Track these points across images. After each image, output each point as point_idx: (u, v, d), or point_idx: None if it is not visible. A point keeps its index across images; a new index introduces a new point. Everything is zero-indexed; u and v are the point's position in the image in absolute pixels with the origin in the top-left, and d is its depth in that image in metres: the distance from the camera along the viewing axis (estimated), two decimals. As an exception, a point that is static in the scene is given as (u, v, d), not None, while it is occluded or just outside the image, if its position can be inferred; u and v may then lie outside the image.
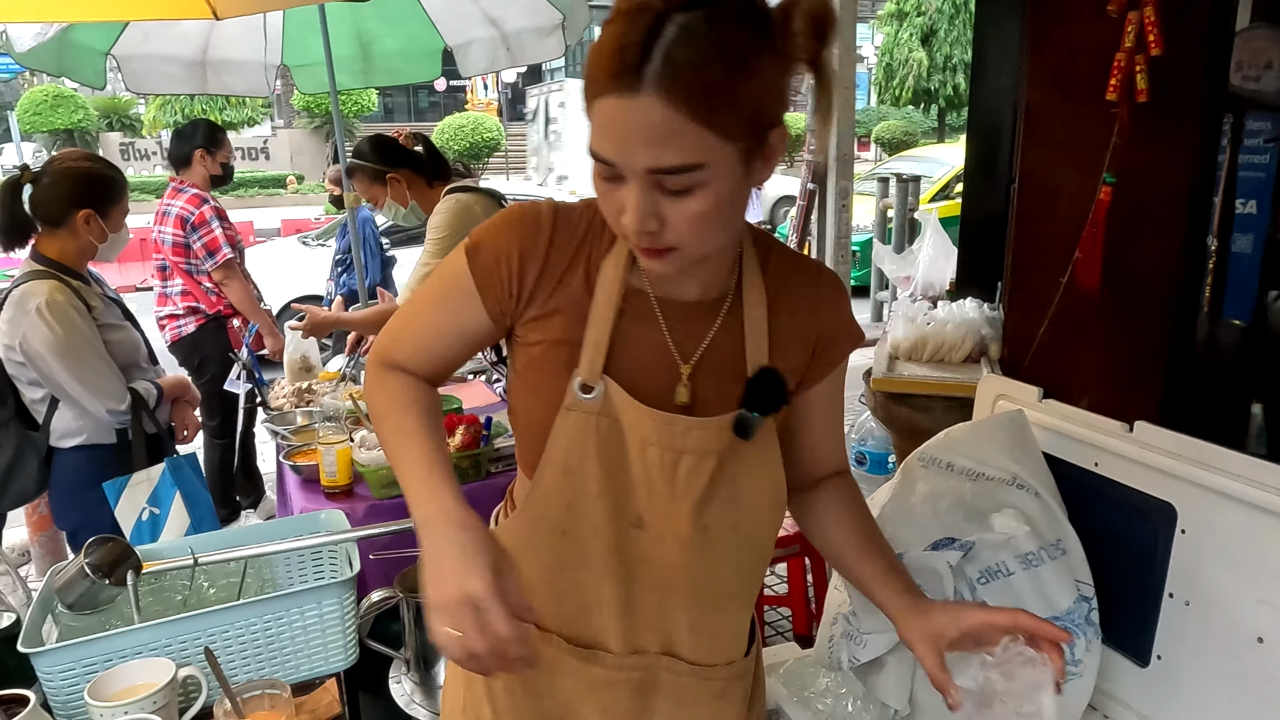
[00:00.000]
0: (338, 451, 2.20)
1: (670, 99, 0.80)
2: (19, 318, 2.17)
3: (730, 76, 0.81)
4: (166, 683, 1.27)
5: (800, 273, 1.08)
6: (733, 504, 1.05)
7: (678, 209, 0.86)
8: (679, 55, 0.79)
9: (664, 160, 0.83)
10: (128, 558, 1.49)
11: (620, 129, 0.83)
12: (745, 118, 0.84)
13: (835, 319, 1.08)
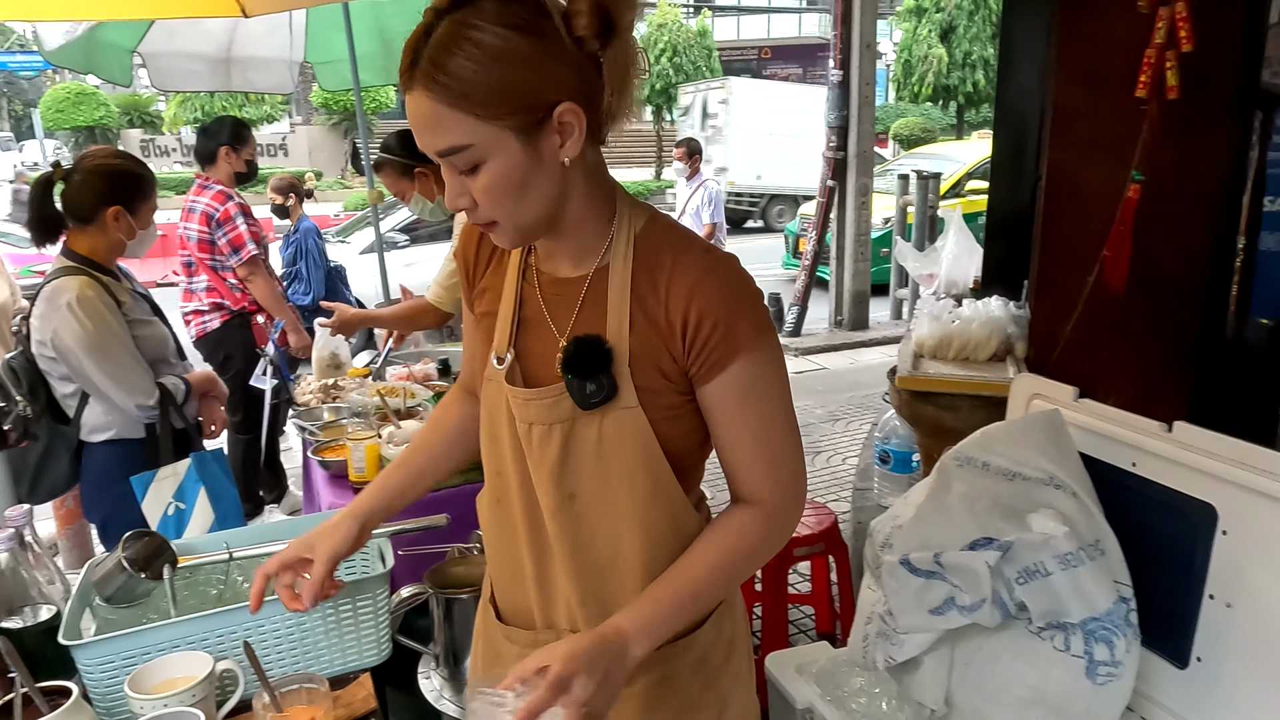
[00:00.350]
0: (366, 447, 2.21)
1: (429, 91, 0.92)
2: (50, 313, 2.20)
3: (479, 65, 0.90)
4: (205, 676, 1.29)
5: (686, 255, 1.04)
6: (600, 475, 1.08)
7: (474, 185, 0.97)
8: (434, 52, 0.91)
9: (438, 144, 0.95)
10: (164, 552, 1.50)
11: (412, 122, 0.96)
12: (502, 99, 0.92)
13: (712, 314, 1.02)
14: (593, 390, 1.03)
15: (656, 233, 1.07)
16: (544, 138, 0.96)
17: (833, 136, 7.63)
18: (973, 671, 1.22)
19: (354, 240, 8.54)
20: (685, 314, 1.02)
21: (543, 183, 0.99)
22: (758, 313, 1.05)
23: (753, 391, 1.05)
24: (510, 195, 0.98)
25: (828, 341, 7.61)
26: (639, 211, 1.09)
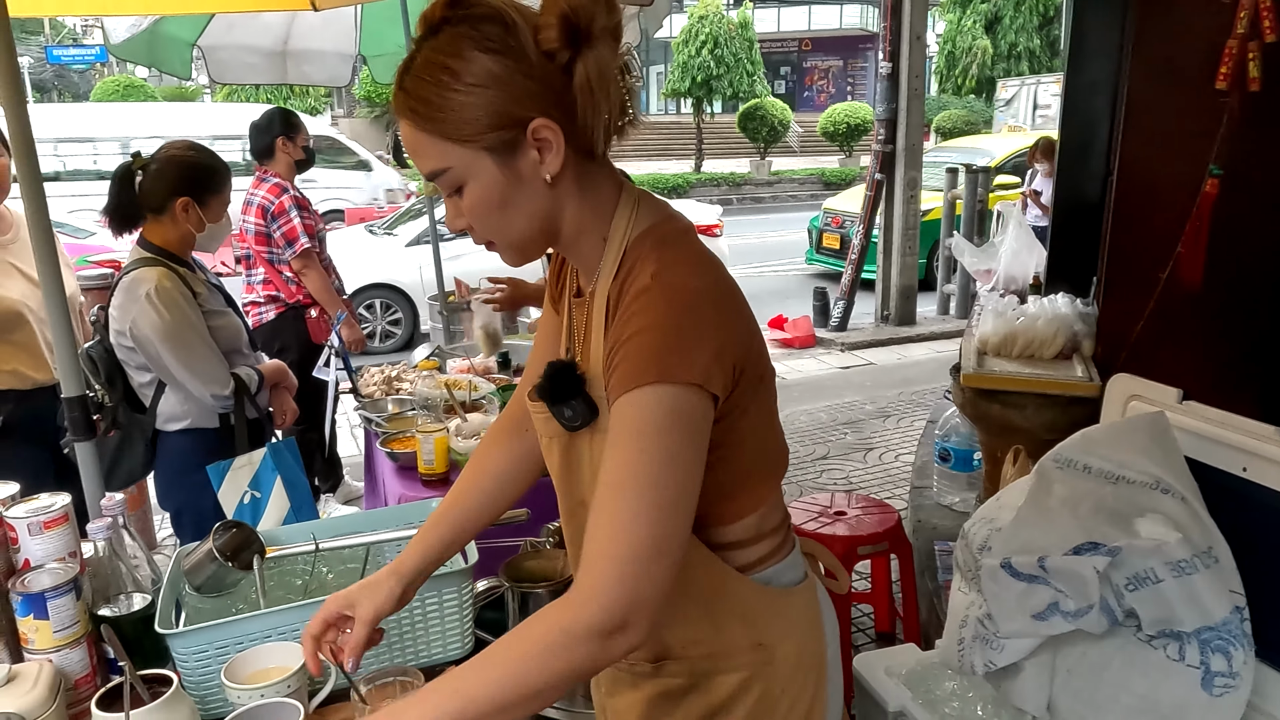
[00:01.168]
0: (435, 440, 2.23)
1: (408, 119, 0.95)
2: (129, 303, 2.23)
3: (445, 90, 0.91)
4: (299, 667, 1.30)
5: (642, 271, 0.96)
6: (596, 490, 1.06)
7: (463, 206, 0.98)
8: (410, 81, 0.94)
9: (423, 168, 0.97)
10: (252, 542, 1.52)
11: (405, 150, 0.99)
12: (471, 120, 0.92)
13: (627, 336, 0.92)
14: (570, 415, 1.03)
15: (638, 246, 1.00)
16: (521, 155, 0.94)
17: (881, 129, 7.55)
18: (1076, 678, 1.20)
19: (400, 233, 8.59)
20: (614, 338, 0.95)
21: (527, 200, 0.97)
22: (666, 349, 0.90)
23: (626, 437, 0.90)
24: (494, 214, 0.98)
25: (874, 337, 7.53)
26: (642, 218, 1.02)
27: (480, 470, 1.29)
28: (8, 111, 1.83)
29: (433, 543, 1.25)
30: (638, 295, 0.94)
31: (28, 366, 2.39)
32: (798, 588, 1.11)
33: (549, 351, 1.22)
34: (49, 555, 1.33)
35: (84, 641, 1.30)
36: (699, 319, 0.92)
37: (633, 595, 0.85)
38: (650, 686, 1.11)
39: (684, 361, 0.89)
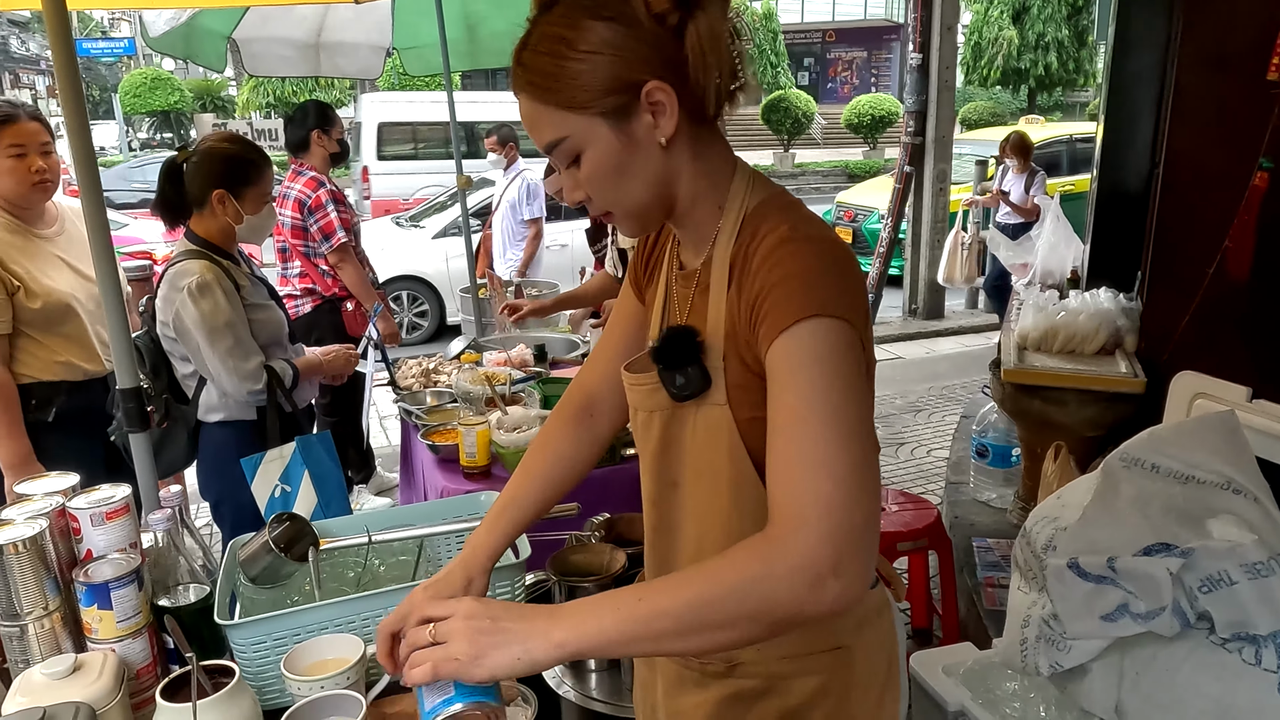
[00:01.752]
0: (478, 433, 2.23)
1: (526, 92, 0.97)
2: (172, 295, 2.24)
3: (559, 58, 0.93)
4: (358, 660, 1.30)
5: (776, 228, 0.95)
6: (695, 468, 1.05)
7: (580, 177, 0.99)
8: (525, 55, 0.96)
9: (541, 140, 0.98)
10: (306, 534, 1.53)
11: (524, 125, 1.00)
12: (586, 88, 0.93)
13: (774, 281, 0.91)
14: (681, 384, 1.01)
15: (762, 211, 0.99)
16: (636, 120, 0.95)
17: (910, 121, 7.48)
18: (1145, 681, 1.18)
19: (427, 225, 8.62)
20: (751, 290, 0.94)
21: (643, 166, 0.97)
22: (819, 286, 0.89)
23: (795, 372, 0.87)
24: (610, 182, 0.98)
25: (902, 331, 7.48)
26: (758, 190, 1.02)
27: (543, 457, 1.27)
28: (66, 109, 1.84)
29: (500, 533, 1.23)
30: (777, 246, 0.92)
31: (79, 358, 2.42)
32: (874, 590, 1.10)
33: (625, 336, 1.22)
34: (111, 546, 1.33)
35: (145, 631, 1.31)
36: (845, 269, 0.93)
37: (844, 530, 0.80)
38: (720, 688, 1.08)
39: (838, 298, 0.89)
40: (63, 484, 1.41)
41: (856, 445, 0.84)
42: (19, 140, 2.31)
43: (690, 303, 1.06)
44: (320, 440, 2.48)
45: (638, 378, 1.09)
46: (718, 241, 1.01)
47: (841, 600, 0.79)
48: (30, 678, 1.21)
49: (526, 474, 1.27)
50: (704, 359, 1.00)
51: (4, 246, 2.30)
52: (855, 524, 0.80)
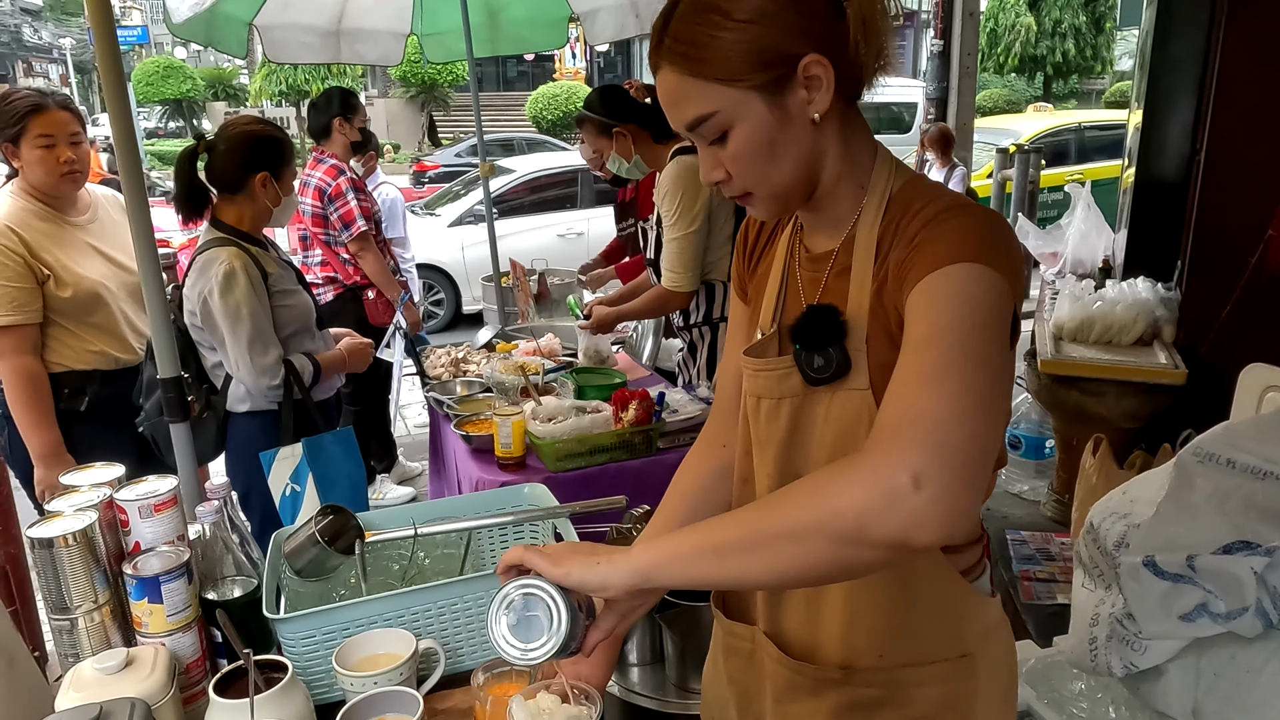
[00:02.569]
0: (513, 423, 2.20)
1: (674, 64, 0.92)
2: (200, 283, 2.22)
3: (716, 29, 0.88)
4: (410, 655, 1.28)
5: (932, 203, 0.92)
6: (826, 459, 0.99)
7: (725, 155, 0.94)
8: (676, 25, 0.91)
9: (686, 116, 0.93)
10: (351, 526, 1.50)
11: (662, 100, 0.95)
12: (741, 60, 0.88)
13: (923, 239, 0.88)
14: (821, 365, 0.96)
15: (911, 190, 0.97)
16: (790, 94, 0.90)
17: (931, 108, 7.42)
18: (1224, 683, 1.15)
19: (442, 213, 8.59)
20: (909, 249, 0.90)
21: (792, 143, 0.93)
22: (980, 239, 0.86)
23: (934, 304, 0.83)
24: (760, 159, 0.94)
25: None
26: (901, 173, 0.99)
27: (686, 481, 1.22)
28: (109, 93, 1.82)
29: None
30: (937, 214, 0.89)
31: (113, 347, 2.41)
32: (993, 599, 1.04)
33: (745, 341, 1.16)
34: (159, 538, 1.31)
35: (195, 625, 1.29)
36: (1007, 235, 0.89)
37: (936, 441, 0.72)
38: (836, 695, 1.01)
39: (993, 253, 0.84)
40: (108, 475, 1.39)
41: (979, 372, 0.77)
42: (48, 130, 2.29)
43: (823, 286, 1.01)
44: (338, 439, 2.40)
45: (764, 363, 1.03)
46: (860, 222, 0.97)
47: (918, 519, 0.71)
48: (81, 672, 1.19)
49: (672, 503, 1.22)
50: (845, 340, 0.95)
51: (35, 235, 2.28)
52: (952, 440, 0.73)
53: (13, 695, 1.32)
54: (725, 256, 2.69)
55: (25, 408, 2.27)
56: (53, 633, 1.27)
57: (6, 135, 2.28)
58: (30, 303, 2.25)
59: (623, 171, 2.94)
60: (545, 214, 8.42)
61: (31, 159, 2.28)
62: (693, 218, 2.59)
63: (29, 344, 2.28)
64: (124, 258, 2.44)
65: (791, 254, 1.07)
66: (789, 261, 1.07)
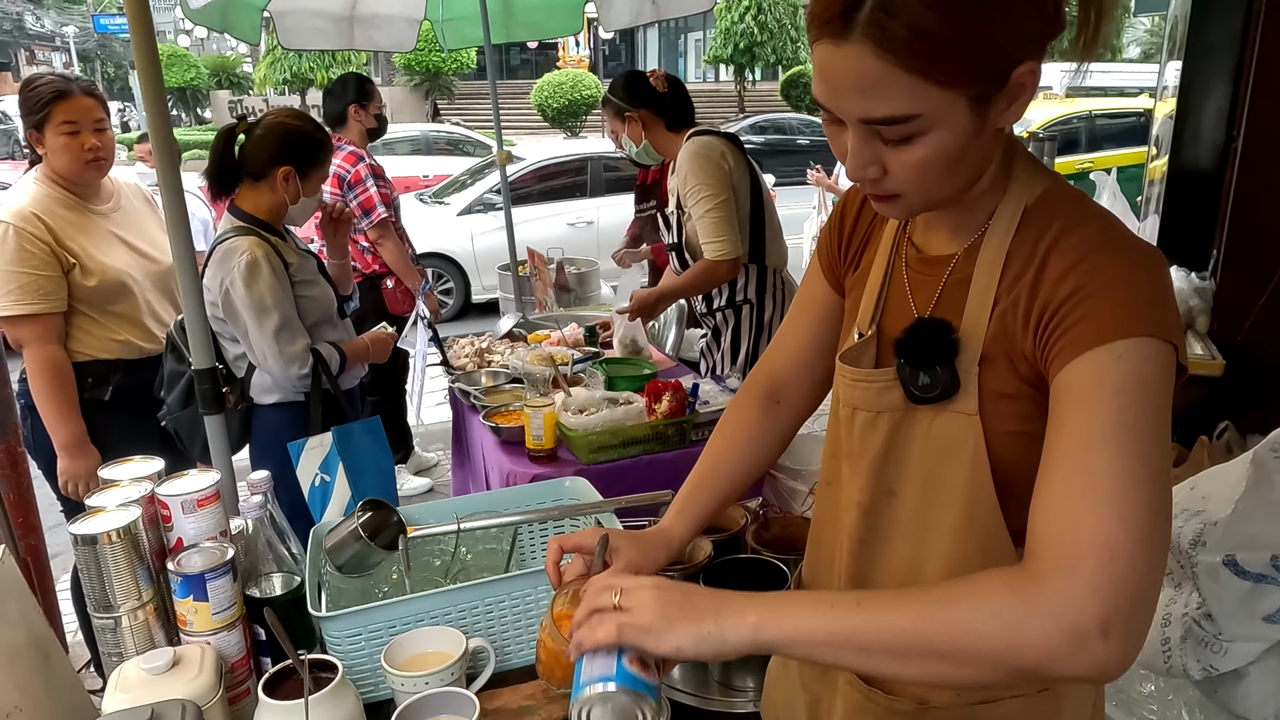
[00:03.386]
0: (545, 415, 2.17)
1: (880, 48, 0.74)
2: (221, 273, 2.17)
3: (953, 19, 0.73)
4: (461, 654, 1.24)
5: (1078, 230, 0.83)
6: (921, 478, 0.93)
7: (898, 157, 0.81)
8: (901, 1, 0.73)
9: (875, 111, 0.78)
10: (392, 522, 1.47)
11: (832, 77, 0.79)
12: (972, 63, 0.75)
13: (1085, 290, 0.79)
14: (926, 384, 0.88)
15: (1050, 204, 0.87)
16: (994, 104, 0.79)
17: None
18: (1309, 686, 1.11)
19: (451, 201, 8.54)
20: (1051, 293, 0.81)
21: (977, 154, 0.83)
22: (1149, 302, 0.77)
23: (1099, 395, 0.76)
24: (941, 170, 0.82)
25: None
26: (1038, 179, 0.89)
27: (732, 443, 1.19)
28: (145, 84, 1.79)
29: (690, 517, 1.15)
30: (1088, 250, 0.80)
31: (137, 336, 2.37)
32: None
33: (815, 324, 1.13)
34: (201, 534, 1.28)
35: (239, 624, 1.26)
36: (1165, 279, 0.80)
37: (1125, 584, 0.70)
38: None
39: (1162, 316, 0.77)
40: (147, 469, 1.36)
41: (1155, 489, 0.73)
42: (72, 116, 2.25)
43: (939, 293, 0.92)
44: (366, 428, 2.38)
45: (862, 373, 0.96)
46: (991, 230, 0.88)
47: (1102, 666, 0.70)
48: (126, 672, 1.16)
49: (715, 459, 1.18)
50: (956, 360, 0.88)
51: (60, 223, 2.24)
52: (1139, 580, 0.70)
53: (49, 692, 1.29)
54: (746, 236, 2.73)
55: (50, 398, 2.24)
56: (95, 631, 1.23)
57: (31, 121, 2.24)
58: (56, 291, 2.22)
59: (634, 155, 2.96)
60: (556, 202, 8.36)
61: (56, 145, 2.25)
62: (720, 187, 2.63)
63: (54, 333, 2.24)
64: (147, 246, 2.41)
65: (897, 250, 0.99)
66: (894, 258, 0.99)
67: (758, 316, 2.82)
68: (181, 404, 2.25)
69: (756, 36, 20.26)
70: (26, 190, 2.25)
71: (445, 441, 4.81)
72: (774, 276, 2.82)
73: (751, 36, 20.28)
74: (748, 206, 2.73)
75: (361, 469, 2.33)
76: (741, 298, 2.81)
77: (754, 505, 1.88)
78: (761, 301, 2.82)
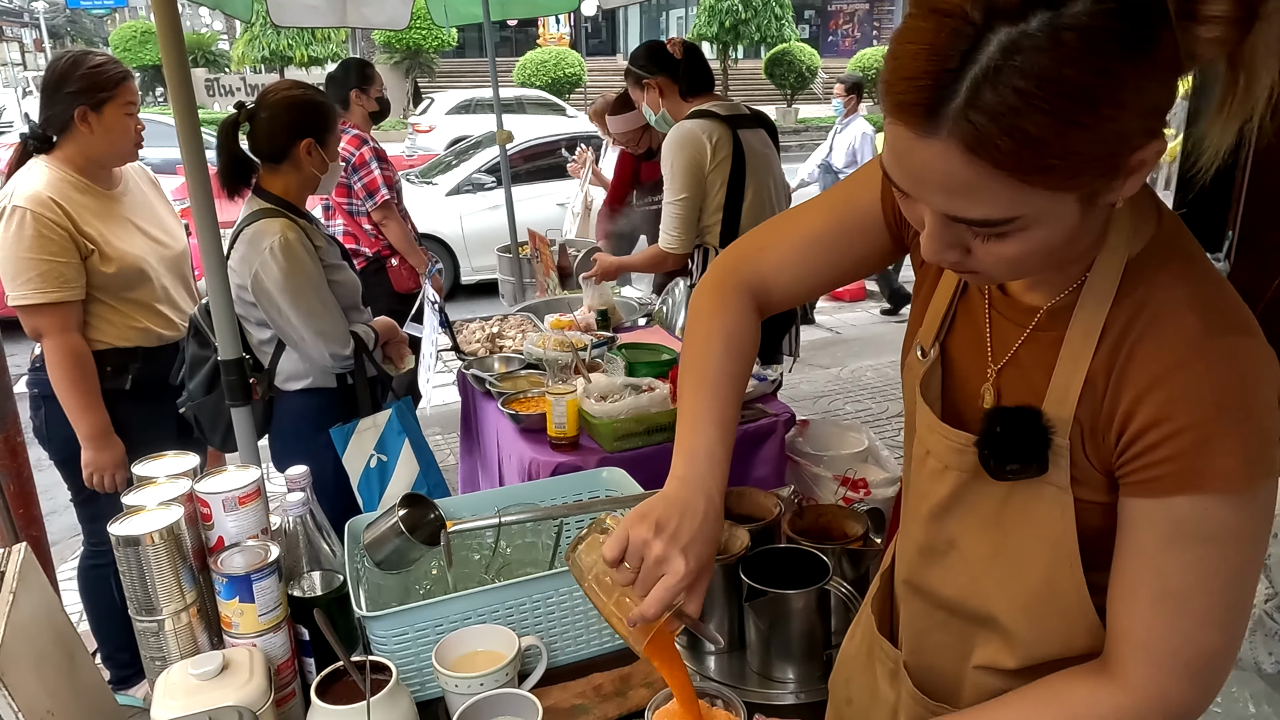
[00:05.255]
0: (568, 402, 2.13)
1: (975, 152, 0.63)
2: (251, 256, 2.12)
3: (1073, 121, 0.61)
4: (514, 654, 1.21)
5: (1168, 325, 0.73)
6: (991, 540, 0.88)
7: (988, 249, 0.71)
8: (991, 97, 0.61)
9: (964, 212, 0.68)
10: (431, 516, 1.43)
11: (911, 167, 0.68)
12: (1088, 167, 0.64)
13: (1173, 422, 0.72)
14: (1014, 470, 0.81)
15: (1154, 263, 0.76)
16: (1110, 191, 0.69)
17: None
18: (1384, 677, 1.10)
19: (439, 182, 8.43)
20: (1133, 407, 0.74)
21: (1082, 238, 0.74)
22: (1251, 440, 0.71)
23: (1190, 542, 0.74)
24: (1037, 263, 0.73)
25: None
26: (1144, 222, 0.78)
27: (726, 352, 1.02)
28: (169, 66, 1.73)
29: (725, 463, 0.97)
30: (1185, 355, 0.72)
31: (156, 323, 2.32)
32: None
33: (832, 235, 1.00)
34: (243, 533, 1.24)
35: (284, 625, 1.22)
36: (1265, 397, 0.72)
37: (1202, 701, 0.79)
38: None
39: (1264, 457, 0.72)
40: (183, 465, 1.31)
41: (1237, 623, 0.78)
42: (132, 98, 2.24)
43: (1016, 349, 0.85)
44: (407, 406, 2.38)
45: (948, 429, 0.88)
46: (1086, 291, 0.78)
47: None
48: (172, 677, 1.12)
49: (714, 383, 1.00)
50: None
51: (77, 208, 2.17)
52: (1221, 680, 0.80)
53: (76, 694, 1.24)
54: (719, 224, 2.83)
55: (73, 388, 2.17)
56: (136, 635, 1.19)
57: (93, 99, 2.18)
58: (76, 279, 2.15)
59: (652, 122, 3.01)
60: (545, 182, 8.26)
61: (117, 126, 2.22)
62: (684, 184, 2.73)
63: (74, 322, 2.18)
64: (158, 231, 2.35)
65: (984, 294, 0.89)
66: (969, 286, 0.91)
67: None
68: (204, 390, 2.20)
69: (741, 14, 20.10)
70: (40, 175, 2.17)
71: (443, 426, 4.77)
72: None
73: (736, 14, 20.11)
74: (722, 195, 2.80)
75: (421, 445, 2.33)
76: None
77: (786, 493, 1.86)
78: None
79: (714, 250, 2.85)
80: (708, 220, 2.85)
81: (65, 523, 3.59)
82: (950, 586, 0.94)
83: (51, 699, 1.16)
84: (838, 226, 1.00)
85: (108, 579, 2.35)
